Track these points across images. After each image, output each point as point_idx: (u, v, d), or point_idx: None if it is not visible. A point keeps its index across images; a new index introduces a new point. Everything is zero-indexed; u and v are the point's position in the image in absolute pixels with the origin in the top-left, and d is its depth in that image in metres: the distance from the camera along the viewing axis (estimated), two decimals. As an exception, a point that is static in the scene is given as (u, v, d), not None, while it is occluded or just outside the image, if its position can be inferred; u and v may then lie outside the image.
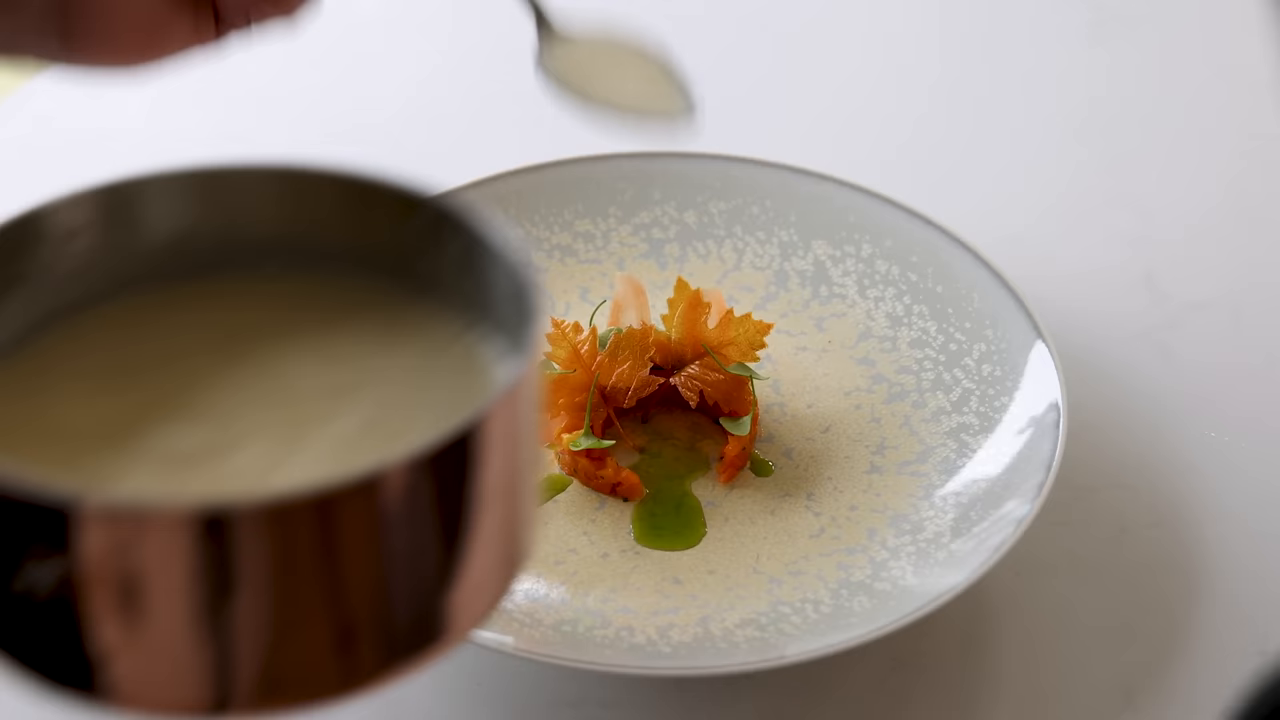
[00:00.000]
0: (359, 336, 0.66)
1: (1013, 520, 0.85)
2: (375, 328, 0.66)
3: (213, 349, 0.65)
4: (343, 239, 0.67)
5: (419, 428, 0.61)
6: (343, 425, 0.62)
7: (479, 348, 0.65)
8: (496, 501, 0.60)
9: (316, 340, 0.66)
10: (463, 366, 0.65)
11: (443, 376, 0.64)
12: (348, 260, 0.68)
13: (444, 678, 0.84)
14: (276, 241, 0.68)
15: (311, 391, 0.64)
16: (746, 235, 1.02)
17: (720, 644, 0.83)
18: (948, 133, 1.19)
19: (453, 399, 0.63)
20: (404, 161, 1.14)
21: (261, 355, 0.65)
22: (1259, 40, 1.24)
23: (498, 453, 0.59)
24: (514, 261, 0.63)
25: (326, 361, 0.65)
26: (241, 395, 0.64)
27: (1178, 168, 1.15)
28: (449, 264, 0.66)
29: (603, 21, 0.87)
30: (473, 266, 0.65)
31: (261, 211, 0.68)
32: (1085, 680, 0.84)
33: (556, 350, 0.92)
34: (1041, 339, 0.93)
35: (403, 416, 0.63)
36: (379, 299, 0.67)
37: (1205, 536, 0.90)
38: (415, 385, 0.64)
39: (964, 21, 1.29)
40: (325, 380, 0.64)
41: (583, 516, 0.89)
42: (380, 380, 0.64)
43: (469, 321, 0.66)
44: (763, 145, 1.10)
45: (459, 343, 0.65)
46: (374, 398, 0.63)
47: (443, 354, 0.65)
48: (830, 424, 0.94)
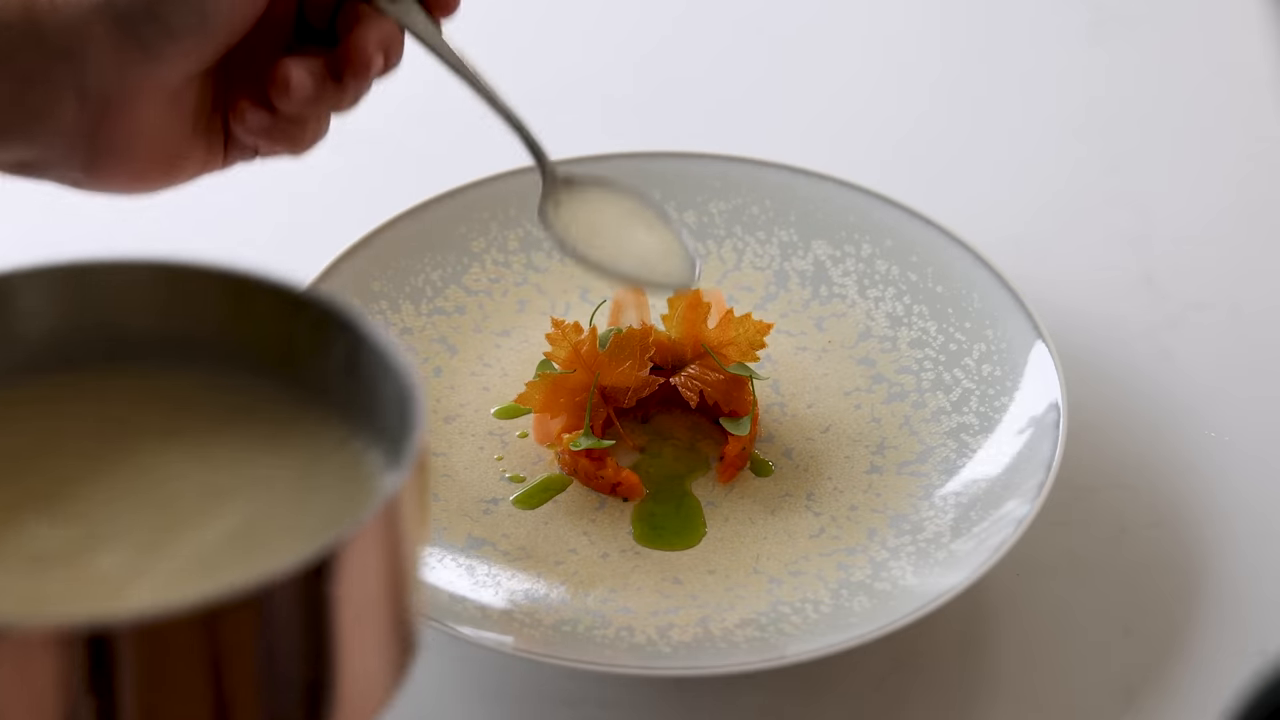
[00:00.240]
0: (240, 439, 0.65)
1: (1013, 520, 0.85)
2: (258, 430, 0.65)
3: (90, 445, 0.65)
4: (226, 337, 0.67)
5: (290, 541, 0.61)
6: (212, 533, 0.61)
7: (362, 455, 0.64)
8: (369, 615, 0.59)
9: (197, 440, 0.65)
10: (343, 475, 0.64)
11: (322, 485, 0.63)
12: (232, 359, 0.67)
13: (444, 678, 0.84)
14: (158, 338, 0.67)
15: (186, 495, 0.63)
16: (746, 235, 1.02)
17: (720, 644, 0.83)
18: (948, 133, 1.19)
19: (330, 510, 0.62)
20: (403, 161, 1.14)
21: (140, 454, 0.64)
22: (1259, 40, 1.24)
23: (369, 570, 0.58)
24: (398, 369, 0.62)
25: (205, 463, 0.64)
26: (115, 495, 0.63)
27: (1178, 168, 1.15)
28: (334, 367, 0.65)
29: (608, 177, 0.88)
30: (357, 371, 0.64)
31: (140, 308, 0.67)
32: (1085, 680, 0.84)
33: (556, 350, 0.91)
34: (1041, 339, 0.93)
35: (275, 527, 0.62)
36: (263, 400, 0.66)
37: (1205, 536, 0.90)
38: (293, 493, 0.63)
39: (964, 22, 1.29)
40: (201, 483, 0.63)
41: (583, 516, 0.89)
42: (258, 486, 0.63)
43: (353, 427, 0.65)
44: (763, 145, 1.10)
45: (342, 449, 0.65)
46: (249, 506, 0.62)
47: (325, 461, 0.64)
48: (830, 424, 0.94)
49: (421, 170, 1.10)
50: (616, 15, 1.29)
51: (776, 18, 1.28)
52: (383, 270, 0.98)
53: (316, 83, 0.81)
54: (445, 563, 0.86)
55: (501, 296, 1.00)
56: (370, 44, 0.81)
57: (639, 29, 1.28)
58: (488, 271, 1.01)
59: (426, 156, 1.13)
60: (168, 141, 0.81)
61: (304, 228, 1.09)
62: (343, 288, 0.96)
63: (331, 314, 0.64)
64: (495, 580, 0.86)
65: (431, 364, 0.96)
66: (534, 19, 1.29)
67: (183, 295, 0.67)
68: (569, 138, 1.16)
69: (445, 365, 0.96)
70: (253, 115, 0.82)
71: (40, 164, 0.80)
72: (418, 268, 0.99)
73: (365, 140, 1.17)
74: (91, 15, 0.77)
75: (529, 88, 1.21)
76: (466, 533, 0.88)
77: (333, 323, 0.64)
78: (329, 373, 0.65)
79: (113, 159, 0.80)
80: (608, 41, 1.27)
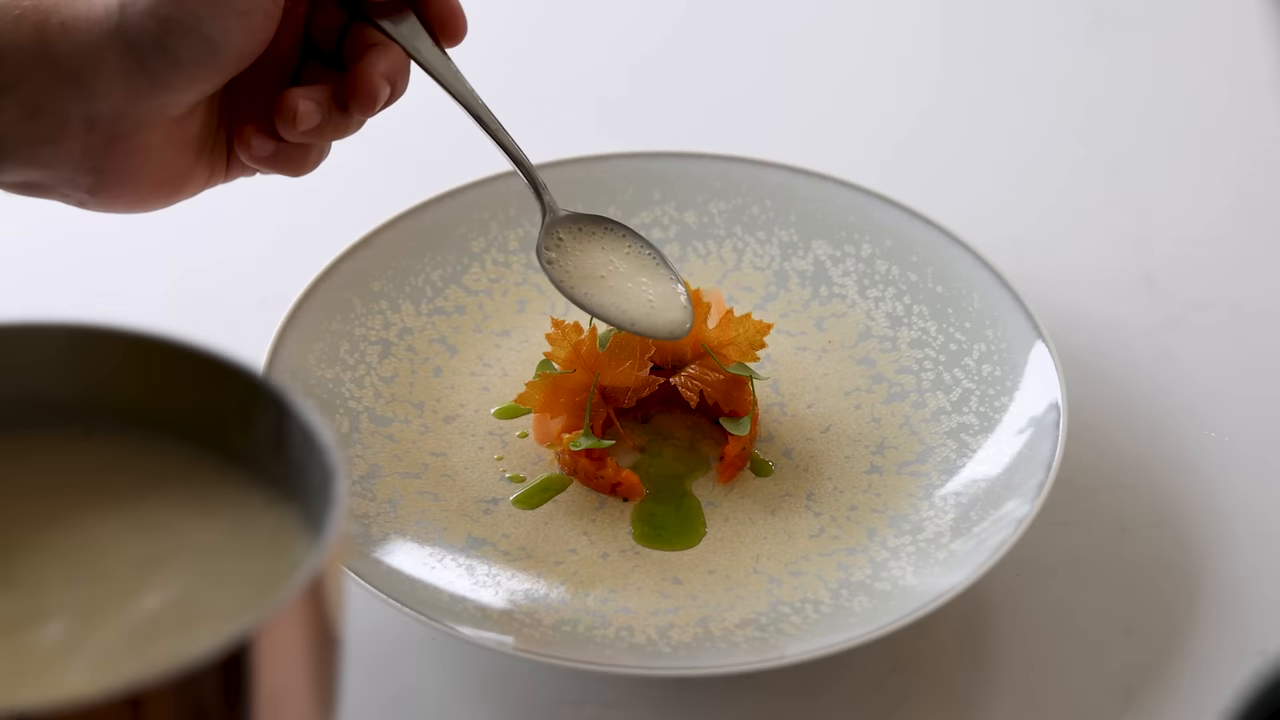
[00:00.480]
0: (171, 502, 0.65)
1: (1013, 520, 0.85)
2: (186, 496, 0.65)
3: (21, 510, 0.64)
4: (151, 404, 0.67)
5: (219, 613, 0.61)
6: (147, 603, 0.61)
7: (287, 520, 0.64)
8: (291, 693, 0.59)
9: (128, 506, 0.65)
10: (271, 539, 0.64)
11: (252, 549, 0.64)
12: (158, 423, 0.67)
13: (444, 678, 0.84)
14: (82, 403, 0.67)
15: (121, 563, 0.63)
16: (746, 235, 1.02)
17: (720, 644, 0.83)
18: (948, 133, 1.19)
19: (260, 577, 0.63)
20: (403, 161, 1.14)
21: (71, 519, 0.64)
22: (1258, 40, 1.24)
23: (291, 648, 0.59)
24: (321, 446, 0.62)
25: (137, 528, 0.64)
26: (51, 561, 0.63)
27: (1178, 168, 1.15)
28: (259, 437, 0.65)
29: (608, 219, 0.89)
30: (282, 444, 0.64)
31: (61, 373, 0.67)
32: (1085, 680, 0.84)
33: (556, 350, 0.92)
34: (1041, 339, 0.93)
35: (206, 598, 0.62)
36: (190, 463, 0.66)
37: (1205, 536, 0.90)
38: (223, 560, 0.63)
39: (964, 22, 1.29)
40: (135, 550, 0.63)
41: (583, 516, 0.89)
42: (189, 553, 0.63)
43: (278, 492, 0.65)
44: (763, 145, 1.10)
45: (269, 512, 0.65)
46: (181, 574, 0.62)
47: (252, 524, 0.64)
48: (830, 424, 0.94)
49: (421, 170, 1.10)
50: (617, 15, 1.29)
51: (777, 18, 1.28)
52: (383, 270, 0.98)
53: (323, 112, 0.82)
54: (445, 563, 0.86)
55: (501, 296, 1.00)
56: (377, 74, 0.82)
57: (639, 29, 1.28)
58: (488, 271, 1.01)
59: (426, 156, 1.13)
60: (173, 164, 0.81)
61: (304, 228, 1.09)
62: (343, 288, 0.96)
63: (258, 386, 0.65)
64: (495, 580, 0.86)
65: (431, 364, 0.96)
66: (535, 19, 1.29)
67: (104, 361, 0.66)
68: (569, 137, 1.16)
69: (445, 365, 0.96)
70: (258, 143, 0.82)
71: (45, 185, 0.80)
72: (418, 268, 0.99)
73: (365, 140, 1.17)
74: (103, 41, 0.77)
75: (530, 87, 1.21)
76: (466, 533, 0.88)
77: (260, 395, 0.65)
78: (255, 441, 0.65)
79: (118, 182, 0.80)
80: (608, 41, 1.27)
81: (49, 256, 1.07)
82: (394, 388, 0.94)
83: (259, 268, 1.06)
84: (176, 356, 0.66)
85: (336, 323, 0.95)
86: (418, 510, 0.88)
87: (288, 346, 0.93)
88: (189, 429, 0.67)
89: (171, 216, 1.10)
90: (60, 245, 1.08)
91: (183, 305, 1.03)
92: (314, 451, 0.63)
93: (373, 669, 0.84)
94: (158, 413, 0.67)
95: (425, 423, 0.93)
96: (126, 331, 0.66)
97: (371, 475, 0.90)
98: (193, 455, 0.67)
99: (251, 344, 0.96)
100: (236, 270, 1.06)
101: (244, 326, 1.01)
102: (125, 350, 0.66)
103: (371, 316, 0.97)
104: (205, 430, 0.66)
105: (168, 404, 0.67)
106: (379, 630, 0.86)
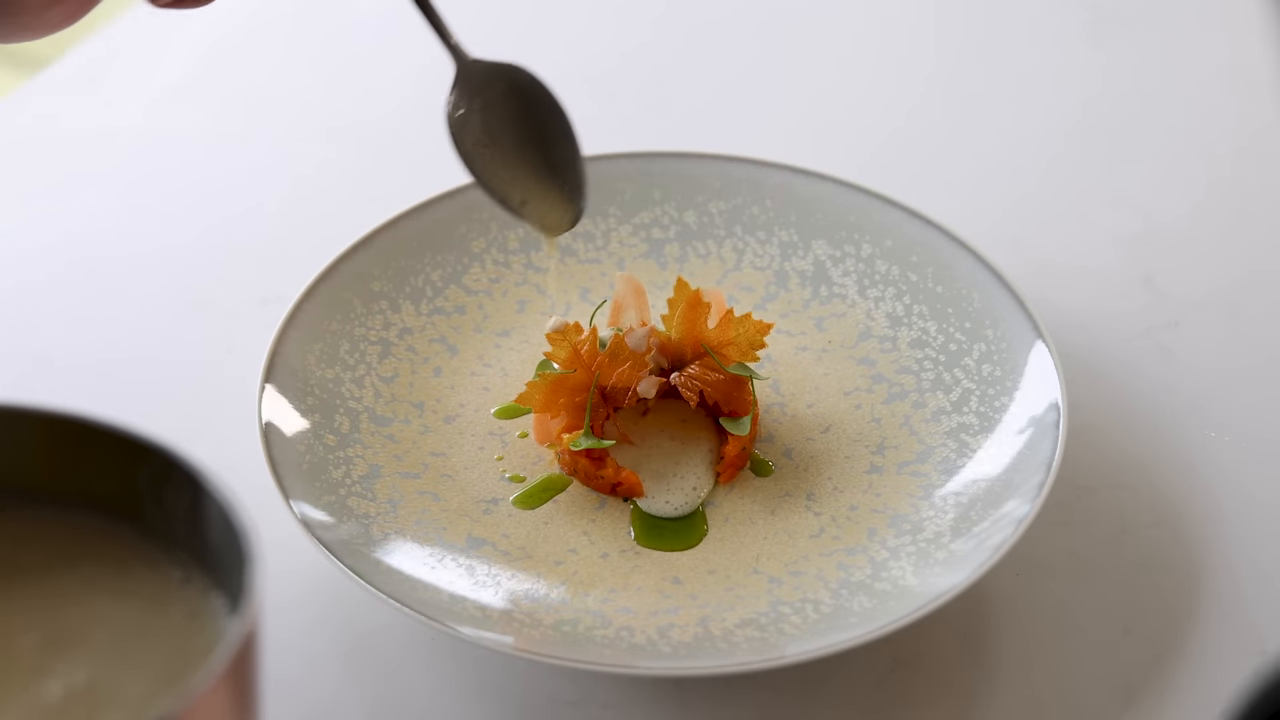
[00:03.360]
0: (82, 581, 0.64)
1: (1013, 520, 0.85)
2: (99, 572, 0.65)
3: None
4: (64, 479, 0.66)
5: (132, 697, 0.60)
6: (51, 688, 0.61)
7: (203, 596, 0.64)
8: None
9: (37, 583, 0.64)
10: (187, 617, 0.63)
11: (167, 627, 0.63)
12: (72, 498, 0.66)
13: (444, 677, 0.84)
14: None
15: (26, 642, 0.62)
16: (746, 235, 1.02)
17: (720, 644, 0.83)
18: (948, 133, 1.19)
19: (173, 661, 0.62)
20: (403, 162, 1.14)
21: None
22: (1258, 40, 1.24)
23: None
24: (236, 526, 0.62)
25: (49, 603, 0.63)
26: None
27: (1177, 168, 1.15)
28: (176, 514, 0.65)
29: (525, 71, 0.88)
30: (198, 522, 0.64)
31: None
32: (1085, 680, 0.84)
33: (556, 350, 0.92)
34: (1041, 339, 0.93)
35: (117, 680, 0.61)
36: (104, 541, 0.66)
37: (1205, 536, 0.90)
38: (136, 641, 0.62)
39: (963, 22, 1.29)
40: (46, 627, 0.63)
41: (583, 516, 0.89)
42: (98, 633, 0.62)
43: (195, 568, 0.64)
44: (763, 145, 1.10)
45: (185, 588, 0.64)
46: (89, 656, 0.62)
47: (168, 600, 0.64)
48: (830, 424, 0.94)
49: (422, 170, 1.10)
50: (616, 15, 1.29)
51: (777, 18, 1.28)
52: (383, 270, 0.98)
53: None
54: (445, 563, 0.86)
55: (501, 296, 1.00)
56: None
57: (639, 29, 1.28)
58: (488, 271, 1.01)
59: (426, 156, 1.13)
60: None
61: (304, 228, 1.09)
62: (343, 288, 0.97)
63: (174, 465, 0.64)
64: (495, 580, 0.86)
65: (431, 364, 0.96)
66: (534, 18, 1.29)
67: (12, 440, 0.66)
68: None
69: (445, 365, 0.96)
70: None
71: None
72: (418, 268, 0.99)
73: (365, 140, 1.17)
74: None
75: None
76: (466, 533, 0.88)
77: (175, 474, 0.64)
78: (171, 518, 0.65)
79: (18, 9, 0.77)
80: (608, 41, 1.27)
81: (48, 256, 1.07)
82: (394, 388, 0.94)
83: (259, 268, 1.06)
84: (90, 436, 0.65)
85: (336, 323, 0.95)
86: (418, 510, 0.88)
87: (288, 346, 0.93)
88: (104, 503, 0.66)
89: (172, 216, 1.10)
90: (60, 245, 1.08)
91: (183, 306, 1.03)
92: (231, 533, 0.62)
93: (373, 669, 0.84)
94: (71, 487, 0.66)
95: (425, 423, 0.93)
96: (39, 411, 0.65)
97: (371, 475, 0.90)
98: (107, 530, 0.66)
99: (251, 344, 0.96)
100: (236, 270, 1.06)
101: (244, 326, 1.01)
102: (38, 429, 0.65)
103: (371, 316, 0.97)
104: (120, 506, 0.66)
105: (82, 480, 0.66)
106: (379, 630, 0.86)
